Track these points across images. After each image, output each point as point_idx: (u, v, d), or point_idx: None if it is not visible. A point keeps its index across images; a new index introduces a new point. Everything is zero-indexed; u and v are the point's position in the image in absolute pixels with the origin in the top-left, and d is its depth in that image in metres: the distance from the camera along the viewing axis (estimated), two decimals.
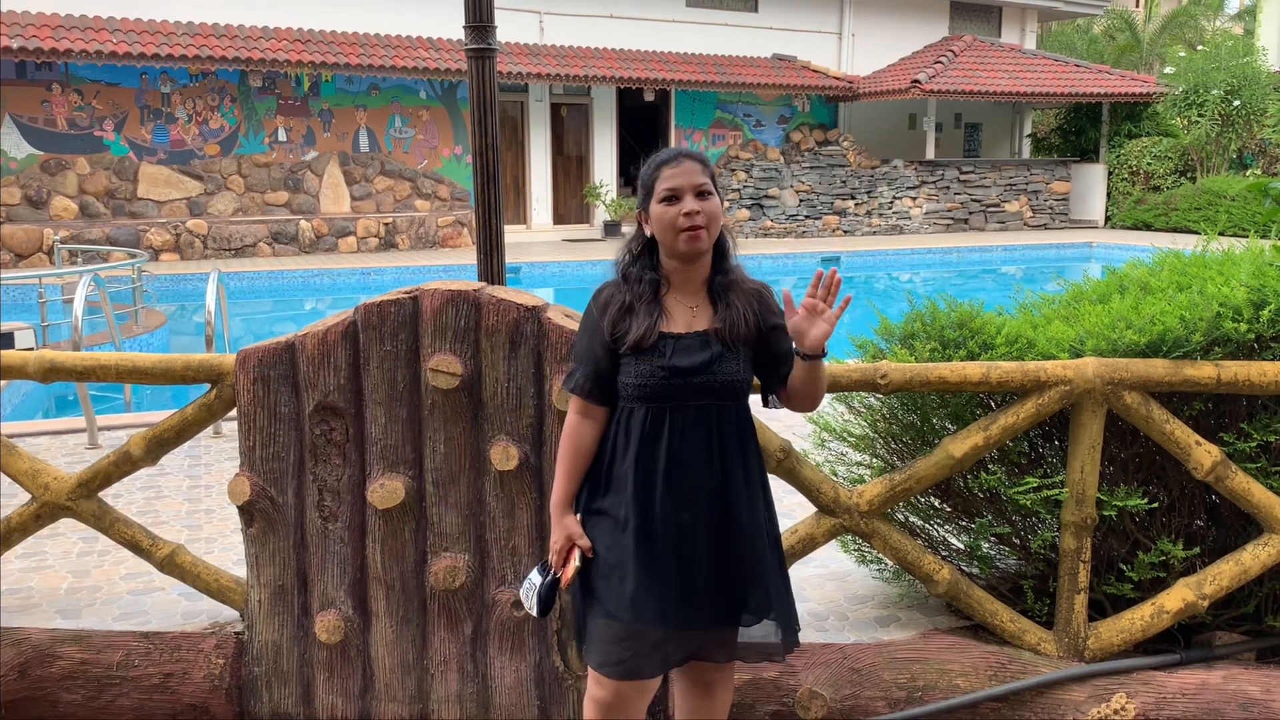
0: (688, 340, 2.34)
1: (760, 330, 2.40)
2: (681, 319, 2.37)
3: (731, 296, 2.39)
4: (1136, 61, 30.48)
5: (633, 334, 2.32)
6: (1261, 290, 3.12)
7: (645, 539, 2.33)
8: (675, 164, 2.33)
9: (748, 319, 2.37)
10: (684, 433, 2.33)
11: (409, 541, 3.01)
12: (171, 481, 5.03)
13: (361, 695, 3.10)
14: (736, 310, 2.37)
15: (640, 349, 2.32)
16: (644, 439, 2.34)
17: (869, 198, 22.27)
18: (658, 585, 2.33)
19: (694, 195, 2.30)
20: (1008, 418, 3.09)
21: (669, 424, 2.33)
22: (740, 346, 2.37)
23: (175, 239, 16.78)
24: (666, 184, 2.32)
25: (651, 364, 2.32)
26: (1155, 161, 22.85)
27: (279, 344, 2.98)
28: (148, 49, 16.15)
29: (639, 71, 20.05)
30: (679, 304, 2.39)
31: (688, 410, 2.33)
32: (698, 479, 2.34)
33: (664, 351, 2.32)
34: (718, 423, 2.36)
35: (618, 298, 2.38)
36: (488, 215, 4.11)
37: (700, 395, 2.33)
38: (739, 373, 2.36)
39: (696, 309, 2.39)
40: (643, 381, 2.33)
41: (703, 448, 2.34)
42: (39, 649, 3.14)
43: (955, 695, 3.06)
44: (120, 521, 3.26)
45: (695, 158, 2.35)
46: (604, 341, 2.37)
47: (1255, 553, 3.18)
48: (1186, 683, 3.08)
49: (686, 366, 2.32)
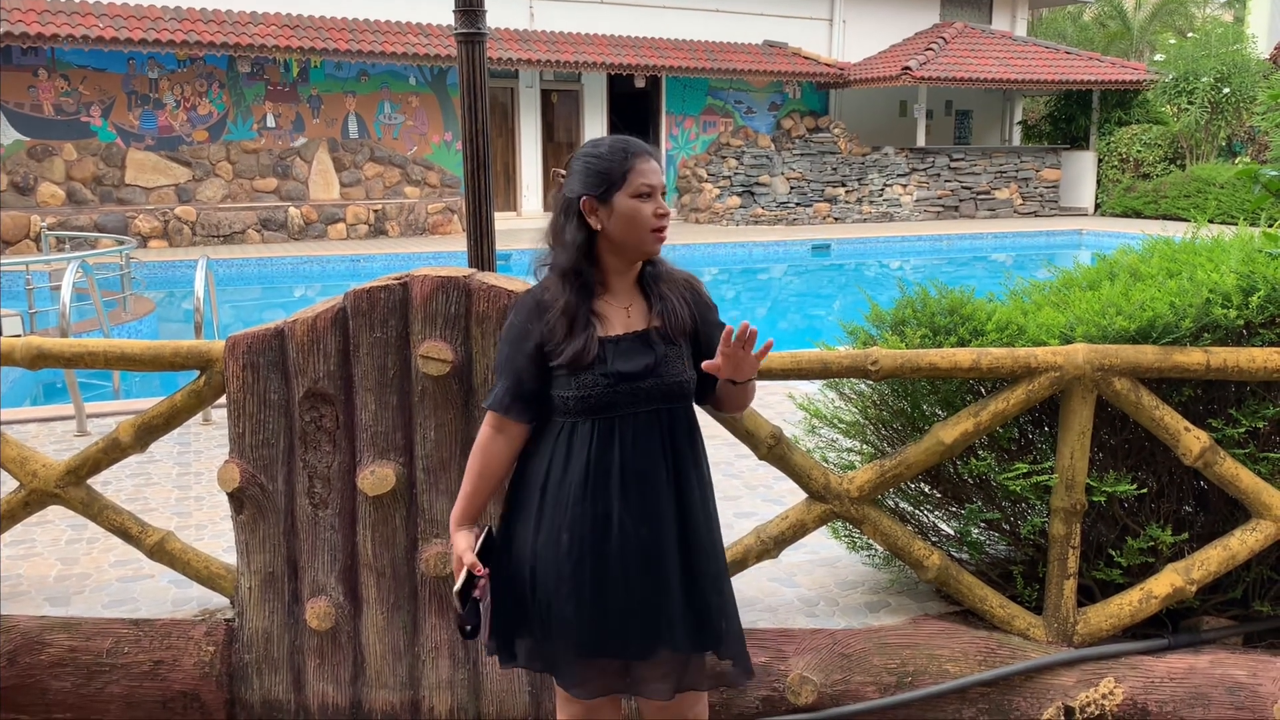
0: (627, 342, 2.18)
1: (696, 322, 2.26)
2: (617, 321, 2.20)
3: (664, 289, 2.24)
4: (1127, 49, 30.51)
5: (569, 350, 2.14)
6: (1251, 277, 3.13)
7: (600, 563, 2.16)
8: (648, 158, 2.17)
9: (683, 311, 2.23)
10: (635, 443, 2.16)
11: (400, 528, 3.00)
12: (161, 468, 5.02)
13: (352, 682, 3.10)
14: (671, 302, 2.22)
15: (579, 361, 2.13)
16: (592, 455, 2.16)
17: (860, 185, 22.26)
18: (616, 611, 2.17)
19: (662, 195, 2.18)
20: (998, 404, 3.10)
21: (618, 436, 2.16)
22: (681, 341, 2.22)
23: (163, 225, 16.69)
24: (645, 179, 2.15)
25: (594, 373, 2.14)
26: (1145, 149, 22.89)
27: (268, 330, 2.97)
28: (135, 34, 16.04)
29: (630, 58, 19.99)
30: (611, 305, 2.21)
31: (638, 418, 2.17)
32: (656, 491, 2.18)
33: (604, 358, 2.15)
34: (670, 427, 2.20)
35: (551, 305, 2.18)
36: (478, 202, 4.10)
37: (649, 400, 2.17)
38: (685, 371, 2.22)
39: (630, 308, 2.22)
40: (585, 393, 2.14)
41: (658, 457, 2.18)
42: (28, 636, 3.13)
43: (945, 680, 3.07)
44: (109, 509, 3.25)
45: (656, 154, 2.23)
46: (529, 353, 2.18)
47: (1243, 538, 3.19)
48: (1174, 667, 3.10)
49: (632, 371, 2.15)
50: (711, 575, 2.26)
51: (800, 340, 10.43)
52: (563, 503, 2.18)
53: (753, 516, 4.23)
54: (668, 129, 21.92)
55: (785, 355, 3.15)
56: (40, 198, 16.60)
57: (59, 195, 16.73)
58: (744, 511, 4.35)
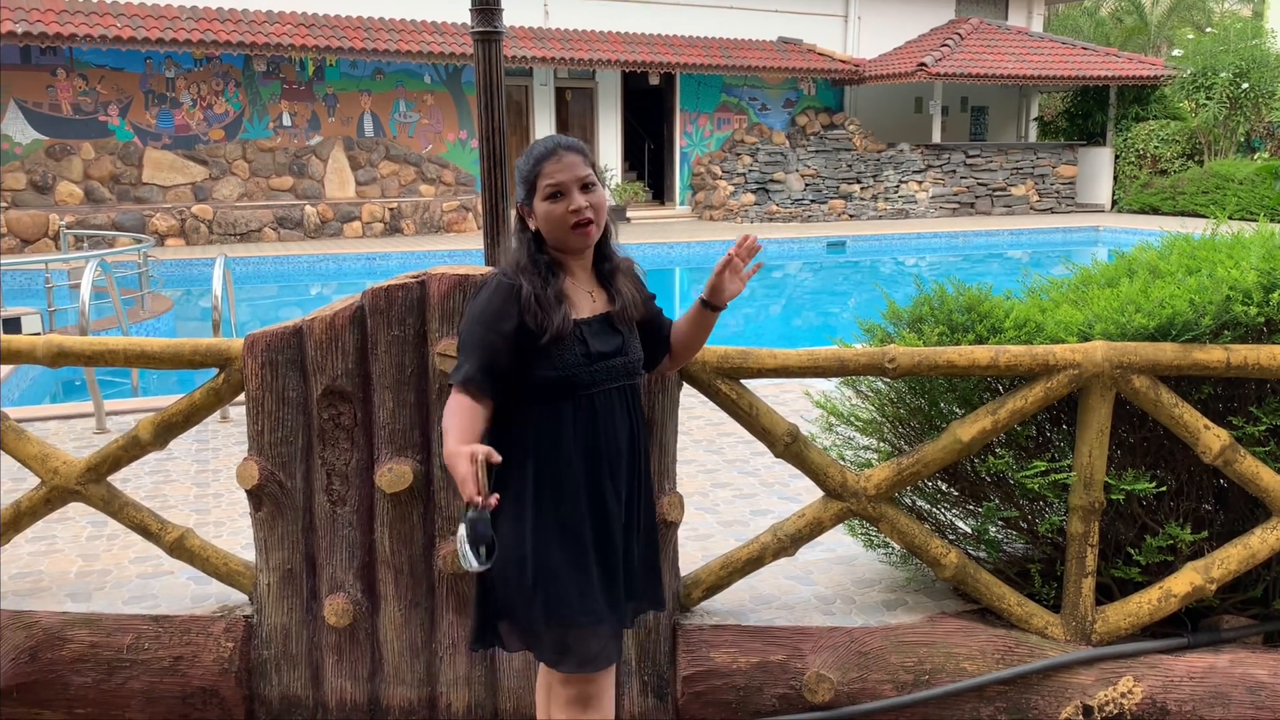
0: (598, 323, 2.35)
1: (644, 307, 2.47)
2: (584, 304, 2.37)
3: (619, 279, 2.43)
4: (1144, 44, 30.32)
5: (554, 322, 2.24)
6: (1272, 273, 3.10)
7: (606, 540, 2.35)
8: (555, 159, 2.28)
9: (634, 298, 2.43)
10: (613, 418, 2.35)
11: (417, 525, 3.02)
12: (180, 466, 5.05)
13: (370, 678, 3.11)
14: (626, 293, 2.42)
15: (561, 335, 2.25)
16: (580, 432, 2.30)
17: (875, 182, 22.20)
18: (612, 582, 2.37)
19: (579, 189, 2.28)
20: (1016, 402, 3.09)
21: (598, 413, 2.32)
22: (635, 325, 2.45)
23: (180, 224, 16.79)
24: (549, 180, 2.27)
25: (574, 352, 2.28)
26: (1163, 145, 22.75)
27: (287, 328, 2.98)
28: (152, 33, 16.14)
29: (644, 55, 19.99)
30: (577, 289, 2.37)
31: (609, 395, 2.34)
32: (624, 462, 2.38)
33: (581, 337, 2.30)
34: (632, 403, 2.42)
35: (526, 286, 2.26)
36: (494, 199, 4.11)
37: (618, 377, 2.36)
38: (639, 350, 2.43)
39: (593, 292, 2.40)
40: (568, 372, 2.27)
41: (626, 431, 2.38)
42: (49, 632, 3.15)
43: (962, 678, 3.06)
44: (129, 505, 3.27)
45: (574, 149, 2.29)
46: (505, 333, 2.23)
47: (1263, 536, 3.17)
48: (1194, 666, 3.08)
49: (606, 350, 2.33)
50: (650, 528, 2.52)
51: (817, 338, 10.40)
52: (563, 488, 2.30)
53: (769, 514, 4.23)
54: (682, 126, 21.90)
55: (802, 353, 3.15)
56: (59, 196, 16.71)
57: (77, 194, 16.85)
58: (760, 509, 4.35)
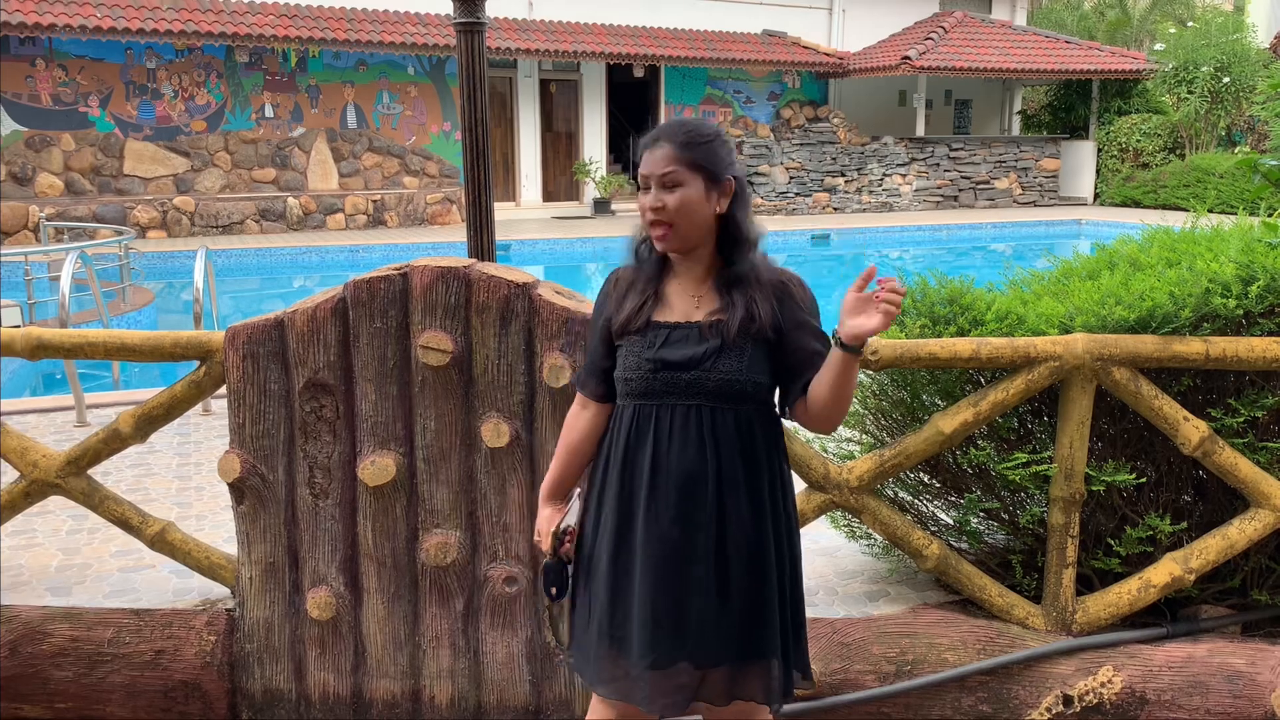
0: (682, 331, 2.09)
1: (781, 326, 2.09)
2: (680, 308, 2.12)
3: (741, 289, 2.09)
4: (1127, 38, 30.43)
5: (623, 314, 2.12)
6: (1250, 266, 3.13)
7: (618, 555, 2.12)
8: (649, 147, 2.08)
9: (758, 314, 2.06)
10: (672, 437, 2.07)
11: (400, 518, 3.01)
12: (161, 459, 5.02)
13: (353, 671, 3.11)
14: (743, 303, 2.07)
15: (627, 332, 2.11)
16: (629, 442, 2.11)
17: (859, 175, 22.23)
18: (638, 611, 2.09)
19: (659, 186, 2.05)
20: (997, 394, 3.10)
21: (655, 426, 2.08)
22: (748, 344, 2.07)
23: (162, 216, 16.67)
24: (640, 169, 2.11)
25: (639, 355, 2.09)
26: (1144, 139, 22.85)
27: (268, 321, 2.97)
28: (132, 24, 16.00)
29: (629, 47, 19.94)
30: (681, 292, 2.13)
31: (676, 411, 2.08)
32: (689, 492, 2.06)
33: (654, 342, 2.09)
34: (711, 428, 2.07)
35: (624, 279, 2.18)
36: (477, 192, 4.10)
37: (690, 395, 2.07)
38: (741, 373, 2.06)
39: (700, 299, 2.12)
40: (629, 375, 2.10)
41: (694, 456, 2.06)
42: (30, 626, 3.14)
43: (944, 669, 3.08)
44: (110, 499, 3.26)
45: (673, 139, 2.06)
46: (600, 328, 2.19)
47: (1241, 527, 3.20)
48: (1172, 656, 3.11)
49: (675, 360, 2.06)
50: (752, 597, 2.10)
51: None
52: (608, 488, 2.16)
53: None
54: (666, 119, 21.81)
55: None
56: (38, 188, 16.57)
57: (57, 186, 16.71)
58: None
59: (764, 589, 2.12)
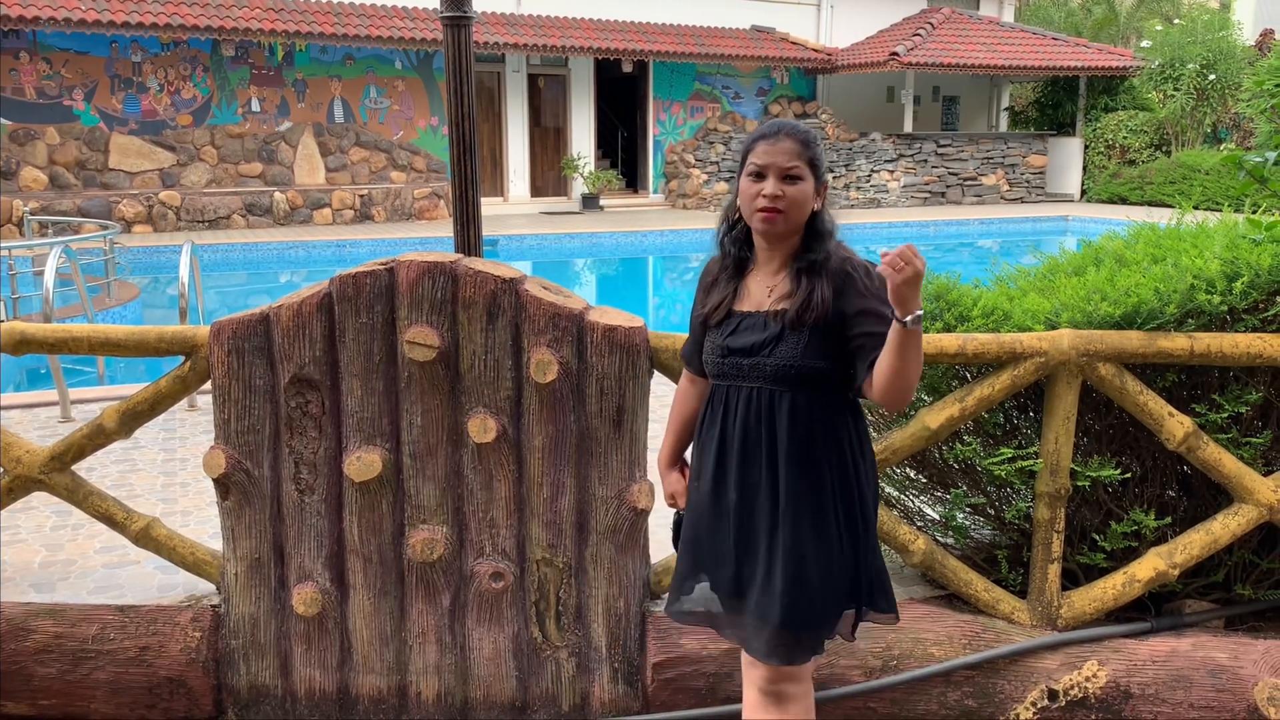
0: (751, 319, 2.29)
1: (844, 312, 2.21)
2: (755, 297, 2.32)
3: (811, 278, 2.24)
4: (1114, 35, 30.53)
5: (707, 308, 2.37)
6: (1234, 263, 3.14)
7: (717, 518, 2.37)
8: (771, 140, 2.24)
9: (819, 302, 2.20)
10: (739, 415, 2.30)
11: (386, 514, 3.00)
12: (146, 455, 5.00)
13: (339, 667, 3.10)
14: (808, 293, 2.22)
15: (709, 323, 2.36)
16: (710, 417, 2.37)
17: (847, 171, 22.27)
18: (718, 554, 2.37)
19: (779, 177, 2.21)
20: (983, 389, 3.11)
21: (725, 405, 2.33)
22: (809, 331, 2.21)
23: (148, 210, 16.58)
24: (756, 159, 2.24)
25: (714, 342, 2.34)
26: (1131, 135, 22.94)
27: (254, 316, 2.96)
28: (118, 16, 15.89)
29: (617, 42, 19.91)
30: (759, 282, 2.33)
31: (742, 393, 2.30)
32: (752, 467, 2.29)
33: (728, 329, 2.32)
34: (768, 410, 2.26)
35: (712, 270, 2.41)
36: (464, 187, 4.08)
37: (753, 378, 2.27)
38: (799, 359, 2.21)
39: (774, 288, 2.29)
40: (706, 359, 2.37)
41: (753, 435, 2.28)
42: (13, 623, 3.12)
43: (930, 664, 3.09)
44: (94, 495, 3.24)
45: (795, 136, 2.23)
46: (697, 308, 2.43)
47: (1225, 522, 3.22)
48: (1157, 650, 3.13)
49: (740, 346, 2.28)
50: (792, 571, 2.25)
51: None
52: (703, 456, 2.38)
53: None
54: (655, 114, 21.85)
55: None
56: (22, 182, 16.46)
57: (41, 180, 16.60)
58: None
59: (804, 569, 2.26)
